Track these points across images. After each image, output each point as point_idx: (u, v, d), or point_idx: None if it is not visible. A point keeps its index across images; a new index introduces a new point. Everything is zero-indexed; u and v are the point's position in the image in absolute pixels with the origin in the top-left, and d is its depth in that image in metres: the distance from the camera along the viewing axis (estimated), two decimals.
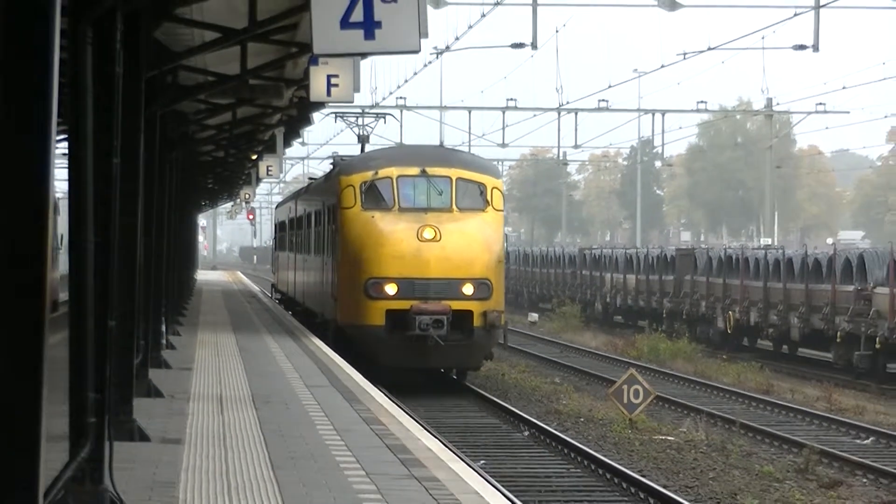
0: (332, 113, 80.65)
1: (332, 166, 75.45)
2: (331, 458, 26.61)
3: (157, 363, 40.28)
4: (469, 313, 44.45)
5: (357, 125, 76.20)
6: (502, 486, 28.74)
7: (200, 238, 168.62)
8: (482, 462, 37.88)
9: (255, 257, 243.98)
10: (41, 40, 12.48)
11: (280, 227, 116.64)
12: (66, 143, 20.52)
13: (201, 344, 53.24)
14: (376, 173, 47.01)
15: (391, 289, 45.27)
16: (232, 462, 25.55)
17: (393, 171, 47.19)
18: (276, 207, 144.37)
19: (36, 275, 12.58)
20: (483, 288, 45.51)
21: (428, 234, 45.09)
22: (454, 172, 47.36)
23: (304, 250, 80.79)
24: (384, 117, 76.83)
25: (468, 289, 44.87)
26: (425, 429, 29.08)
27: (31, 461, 12.56)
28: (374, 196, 46.62)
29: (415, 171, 47.66)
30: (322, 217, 61.28)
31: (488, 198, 47.34)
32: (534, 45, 63.97)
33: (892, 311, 67.71)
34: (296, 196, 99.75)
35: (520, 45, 68.90)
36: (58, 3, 12.66)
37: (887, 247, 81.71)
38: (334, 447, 27.89)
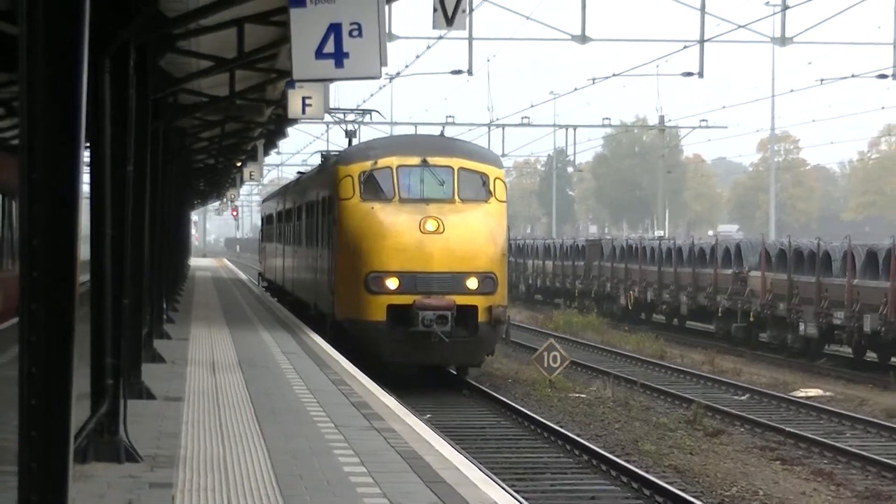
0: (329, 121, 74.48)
1: (323, 159, 66.40)
2: (305, 412, 26.56)
3: (160, 335, 40.26)
4: (473, 308, 38.32)
5: (345, 122, 67.83)
6: (446, 435, 28.60)
7: (193, 231, 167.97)
8: (429, 416, 37.52)
9: (237, 247, 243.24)
10: (73, 69, 12.53)
11: (267, 220, 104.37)
12: (87, 153, 20.44)
13: (195, 318, 53.04)
14: (375, 163, 40.37)
15: (392, 283, 38.78)
16: (224, 416, 25.50)
17: (393, 161, 40.60)
18: (263, 202, 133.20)
19: (69, 261, 12.66)
20: (488, 282, 38.74)
21: (430, 226, 38.44)
22: (456, 162, 40.61)
23: (294, 242, 70.01)
24: (370, 114, 69.35)
25: (472, 283, 38.43)
26: (383, 389, 29.00)
27: (64, 416, 12.63)
28: (373, 186, 40.26)
29: (415, 160, 40.75)
30: (316, 209, 52.42)
31: (491, 188, 40.58)
32: (469, 72, 61.52)
33: (764, 290, 68.14)
34: (284, 190, 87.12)
35: (458, 72, 66.73)
36: (86, 39, 12.71)
37: (758, 238, 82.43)
38: (308, 404, 27.84)
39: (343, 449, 22.10)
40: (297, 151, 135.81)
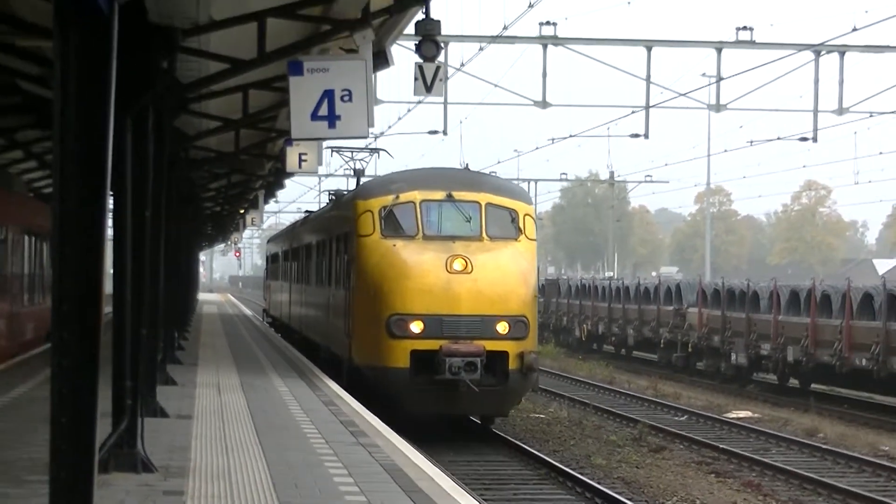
0: (328, 148, 62.99)
1: (334, 198, 57.81)
2: (299, 429, 26.54)
3: (172, 360, 40.18)
4: (504, 354, 32.09)
5: (353, 160, 61.24)
6: (422, 449, 28.52)
7: (201, 269, 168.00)
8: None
9: (240, 283, 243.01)
10: (100, 129, 12.54)
11: (273, 259, 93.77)
12: (110, 201, 20.41)
13: (203, 346, 53.00)
14: (397, 197, 34.23)
15: (417, 327, 32.47)
16: (228, 431, 25.50)
17: (416, 195, 34.33)
18: (269, 241, 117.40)
19: (94, 295, 12.68)
20: (519, 326, 32.39)
21: (458, 265, 32.53)
22: (483, 197, 34.33)
23: (302, 280, 61.02)
24: (378, 152, 62.88)
25: (503, 327, 32.08)
26: (369, 410, 29.00)
27: (90, 431, 12.66)
28: (394, 222, 34.21)
29: (440, 195, 34.40)
30: (329, 247, 45.75)
31: (520, 225, 34.21)
32: (444, 132, 60.46)
33: (700, 324, 68.45)
34: (291, 229, 77.92)
35: (434, 132, 65.90)
36: (112, 103, 12.73)
37: (696, 278, 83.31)
38: (302, 422, 27.85)
39: (332, 461, 22.13)
40: (292, 200, 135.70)
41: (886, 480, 35.04)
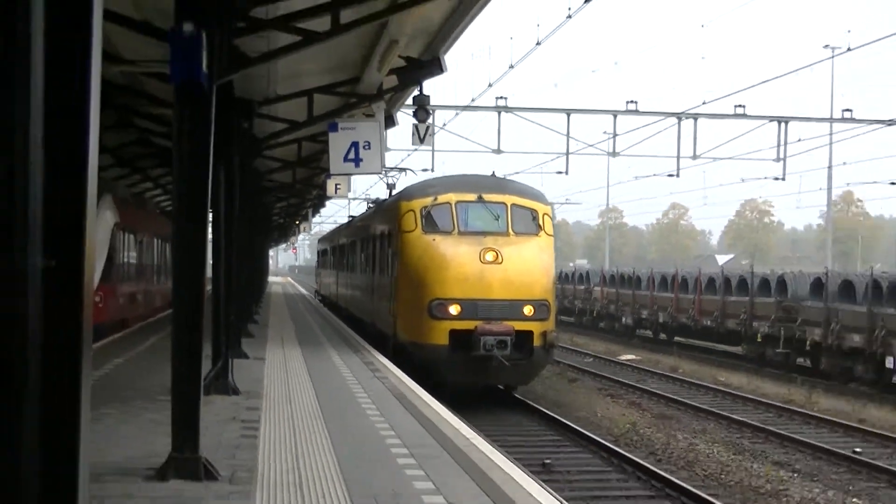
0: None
1: (370, 206, 55.15)
2: (336, 368, 26.54)
3: (251, 321, 40.12)
4: (530, 333, 29.31)
5: (387, 177, 55.01)
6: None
7: (270, 261, 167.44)
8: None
9: (296, 270, 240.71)
10: (203, 169, 12.63)
11: (322, 253, 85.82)
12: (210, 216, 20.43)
13: (272, 313, 52.90)
14: (435, 199, 31.07)
15: (455, 309, 29.48)
16: (289, 368, 25.47)
17: (452, 197, 31.28)
18: (319, 241, 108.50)
19: (200, 280, 12.75)
20: (542, 309, 29.60)
21: (490, 256, 29.67)
22: (509, 199, 31.36)
23: (347, 269, 54.18)
24: (406, 171, 56.37)
25: (528, 310, 29.38)
26: (384, 356, 28.97)
27: (197, 367, 12.75)
28: (433, 220, 30.84)
29: (472, 197, 31.30)
30: (373, 242, 40.05)
31: (540, 223, 31.11)
32: (432, 169, 58.78)
33: (602, 297, 68.86)
34: (337, 231, 71.49)
35: (425, 170, 64.24)
36: (211, 153, 12.80)
37: (599, 268, 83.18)
38: (338, 364, 27.83)
39: (357, 388, 22.13)
40: (331, 215, 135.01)
41: (722, 399, 35.16)
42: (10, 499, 4.48)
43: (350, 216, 69.49)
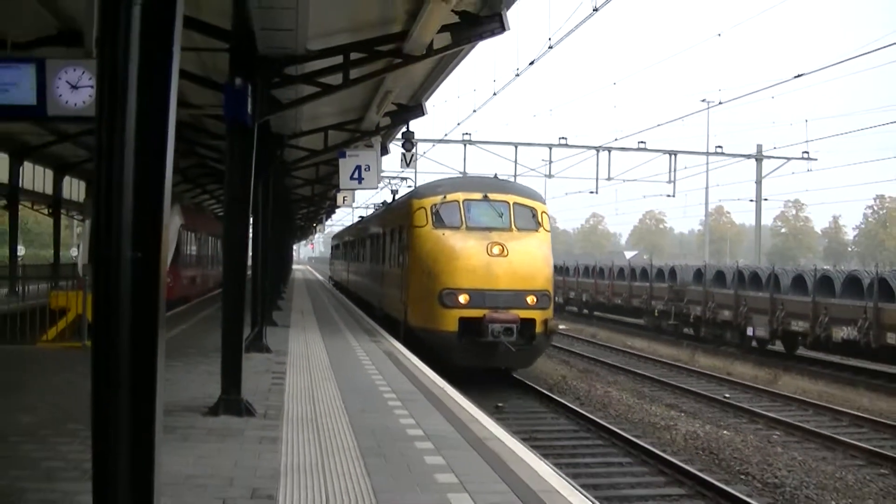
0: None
1: (379, 207, 47.91)
2: (344, 334, 26.54)
3: (279, 297, 40.07)
4: (532, 321, 25.96)
5: (391, 184, 51.43)
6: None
7: (294, 254, 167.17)
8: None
9: (313, 260, 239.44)
10: (246, 186, 12.67)
11: (335, 247, 79.14)
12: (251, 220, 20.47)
13: (295, 293, 52.78)
14: (445, 197, 27.52)
15: (464, 298, 25.90)
16: (307, 333, 25.43)
17: (460, 196, 27.55)
18: (333, 237, 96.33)
19: (242, 267, 12.77)
20: (544, 299, 26.15)
21: (496, 250, 26.22)
22: (511, 198, 27.79)
23: (357, 259, 48.55)
24: (406, 180, 52.26)
25: (531, 299, 26.00)
26: (397, 340, 28.79)
27: (240, 331, 12.75)
28: (443, 217, 27.20)
29: (478, 196, 27.65)
30: (382, 237, 35.49)
31: (539, 220, 27.65)
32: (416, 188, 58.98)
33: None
34: (349, 228, 64.44)
35: (410, 187, 64.52)
36: (252, 172, 12.85)
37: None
38: (345, 330, 27.82)
39: (360, 351, 22.15)
40: (340, 219, 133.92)
41: (629, 358, 35.13)
42: (112, 423, 4.57)
43: (360, 216, 65.35)
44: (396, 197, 44.06)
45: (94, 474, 4.61)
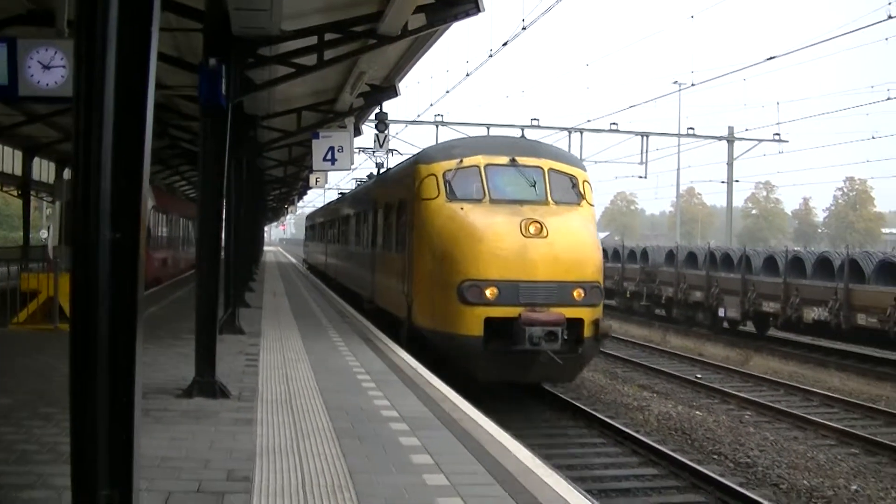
0: (358, 148, 46.05)
1: (367, 179, 40.94)
2: (313, 312, 26.50)
3: (252, 279, 39.96)
4: (580, 322, 18.91)
5: (375, 156, 44.60)
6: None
7: (265, 235, 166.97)
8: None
9: (284, 242, 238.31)
10: (220, 166, 12.63)
11: (311, 228, 67.99)
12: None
13: (267, 274, 52.63)
14: (461, 162, 20.39)
15: (491, 293, 18.46)
16: (280, 315, 25.39)
17: (480, 160, 20.50)
18: (307, 217, 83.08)
19: (216, 249, 12.75)
20: (595, 292, 19.10)
21: (532, 229, 18.97)
22: (545, 163, 20.75)
23: (340, 241, 40.38)
24: (392, 152, 45.61)
25: (578, 293, 18.88)
26: (374, 326, 28.67)
27: (214, 313, 12.73)
28: (459, 186, 20.28)
29: (504, 160, 20.56)
30: (374, 213, 28.48)
31: (581, 191, 20.75)
32: (388, 168, 58.57)
33: None
34: (327, 207, 56.50)
35: (380, 166, 64.06)
36: (227, 154, 12.80)
37: None
38: (315, 308, 27.79)
39: (332, 330, 22.11)
40: (311, 200, 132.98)
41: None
42: (91, 405, 4.56)
43: (340, 193, 59.64)
44: (381, 171, 37.23)
45: (72, 457, 4.60)
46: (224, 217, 18.79)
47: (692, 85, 64.27)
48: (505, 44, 29.28)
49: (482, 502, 7.97)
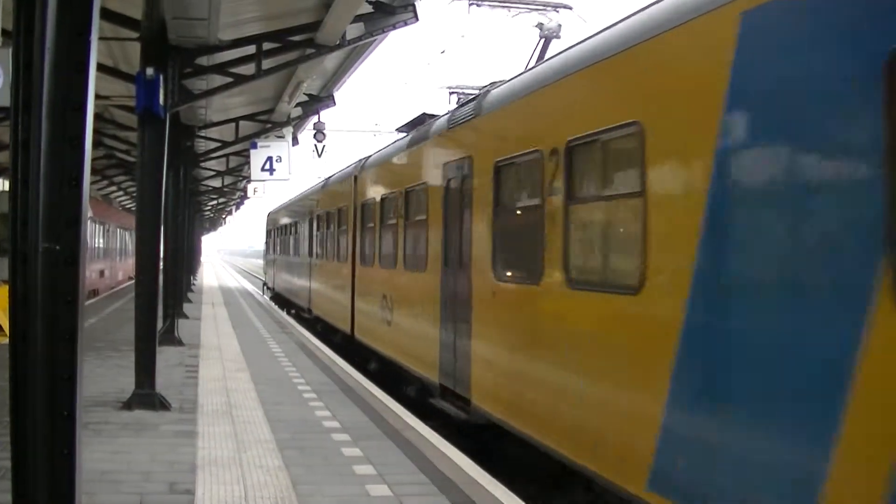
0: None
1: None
2: (252, 322, 26.37)
3: (189, 290, 39.66)
4: None
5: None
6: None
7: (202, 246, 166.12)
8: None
9: (222, 252, 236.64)
10: (158, 175, 12.54)
11: (281, 231, 39.35)
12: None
13: (207, 290, 52.31)
14: None
15: None
16: (219, 325, 25.22)
17: None
18: (269, 214, 48.46)
19: (155, 259, 12.65)
20: None
21: None
22: None
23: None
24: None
25: None
26: (305, 328, 28.55)
27: (153, 324, 12.62)
28: None
29: None
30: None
31: None
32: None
33: None
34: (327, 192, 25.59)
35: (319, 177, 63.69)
36: (164, 163, 12.72)
37: None
38: (253, 319, 27.67)
39: (269, 338, 22.00)
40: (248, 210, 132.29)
41: None
42: (30, 420, 4.49)
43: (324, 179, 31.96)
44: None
45: (13, 471, 4.53)
46: (162, 227, 18.70)
47: None
48: (442, 52, 29.40)
49: None
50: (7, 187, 4.62)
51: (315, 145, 28.52)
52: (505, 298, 10.77)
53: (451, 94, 18.44)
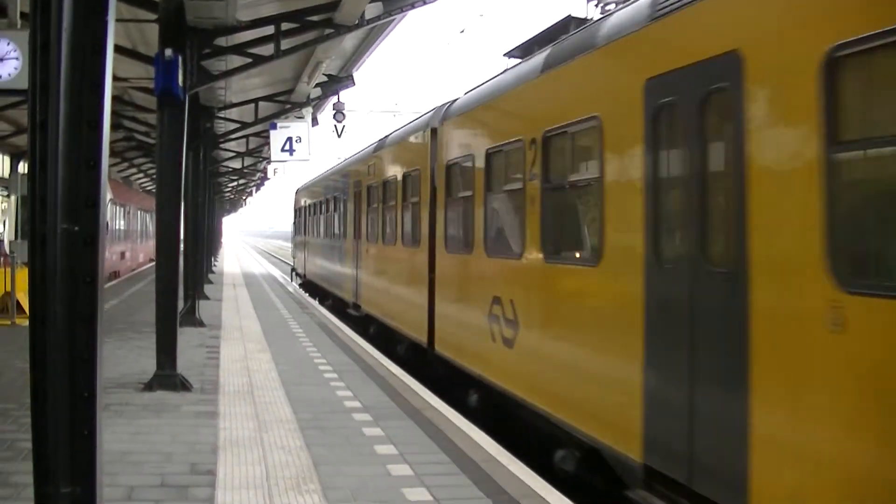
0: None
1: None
2: (272, 301, 26.42)
3: (210, 272, 39.73)
4: None
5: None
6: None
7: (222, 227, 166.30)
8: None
9: (244, 233, 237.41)
10: (178, 156, 12.53)
11: (307, 211, 35.85)
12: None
13: (226, 262, 52.39)
14: None
15: None
16: (240, 305, 25.28)
17: None
18: (298, 194, 40.93)
19: (175, 240, 12.66)
20: None
21: None
22: None
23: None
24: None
25: None
26: (324, 308, 28.60)
27: (174, 304, 12.63)
28: None
29: None
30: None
31: None
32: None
33: None
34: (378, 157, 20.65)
35: (338, 157, 63.71)
36: (184, 144, 12.71)
37: None
38: (272, 296, 27.72)
39: (289, 317, 22.01)
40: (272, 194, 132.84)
41: None
42: (51, 401, 4.50)
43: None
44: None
45: (34, 453, 4.54)
46: (182, 209, 18.71)
47: None
48: (462, 31, 29.30)
49: (447, 492, 7.94)
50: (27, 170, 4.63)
51: (335, 125, 28.51)
52: None
53: None
